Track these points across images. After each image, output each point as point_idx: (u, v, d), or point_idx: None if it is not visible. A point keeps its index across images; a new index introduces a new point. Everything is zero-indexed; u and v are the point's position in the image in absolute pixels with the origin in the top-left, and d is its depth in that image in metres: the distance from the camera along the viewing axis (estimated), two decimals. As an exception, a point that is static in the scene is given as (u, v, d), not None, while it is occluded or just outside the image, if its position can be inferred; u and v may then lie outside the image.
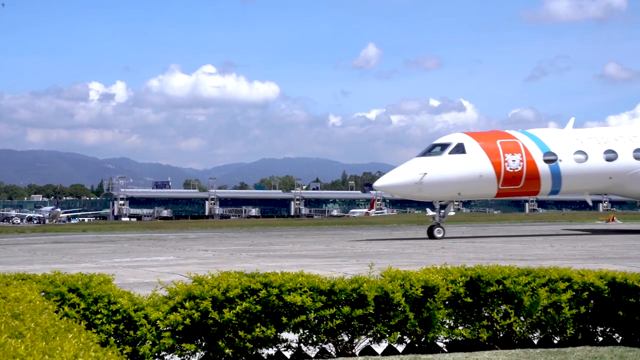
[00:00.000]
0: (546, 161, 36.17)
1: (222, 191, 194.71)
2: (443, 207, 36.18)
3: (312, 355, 8.58)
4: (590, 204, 42.93)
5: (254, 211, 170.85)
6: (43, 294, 7.78)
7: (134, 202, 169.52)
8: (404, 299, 8.57)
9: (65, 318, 6.26)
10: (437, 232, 34.96)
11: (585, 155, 36.86)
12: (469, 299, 8.86)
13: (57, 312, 6.96)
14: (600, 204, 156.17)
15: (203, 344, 8.16)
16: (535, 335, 9.20)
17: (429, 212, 39.06)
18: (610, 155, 37.20)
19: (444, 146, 35.78)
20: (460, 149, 35.43)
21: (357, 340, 8.64)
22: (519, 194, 38.51)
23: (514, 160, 35.44)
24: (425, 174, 34.59)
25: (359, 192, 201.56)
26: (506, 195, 38.03)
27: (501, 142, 35.89)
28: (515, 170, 35.50)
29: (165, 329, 8.05)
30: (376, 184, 36.61)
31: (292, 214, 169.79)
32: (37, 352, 4.15)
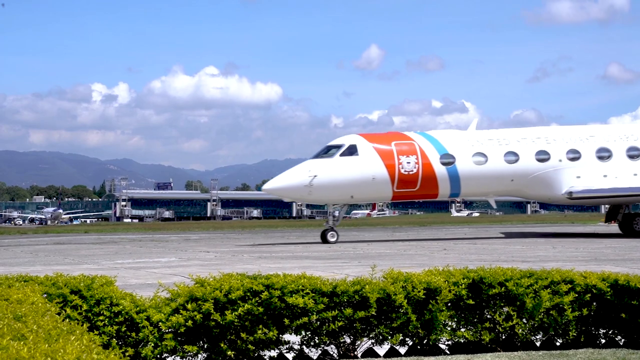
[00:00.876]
0: (443, 163, 35.17)
1: (224, 192, 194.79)
2: (337, 210, 35.31)
3: (314, 357, 8.58)
4: (495, 206, 41.75)
5: (255, 212, 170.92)
6: (45, 295, 7.78)
7: (136, 203, 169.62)
8: (406, 300, 8.57)
9: (67, 320, 6.26)
10: (331, 237, 34.00)
11: (485, 157, 35.79)
12: (471, 301, 8.85)
13: (59, 314, 6.97)
14: (602, 206, 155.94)
15: (205, 345, 8.16)
16: (537, 337, 9.19)
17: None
18: (512, 158, 36.09)
19: (336, 148, 34.72)
20: (352, 150, 34.37)
21: (359, 342, 8.64)
22: (417, 197, 37.56)
23: (408, 163, 34.52)
24: (315, 176, 33.59)
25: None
26: (403, 198, 36.95)
27: (396, 143, 34.95)
28: (411, 173, 34.57)
29: (167, 330, 8.05)
30: (265, 186, 35.35)
31: (294, 215, 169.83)
32: (40, 354, 4.15)
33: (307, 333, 8.43)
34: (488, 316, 8.96)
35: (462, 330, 8.87)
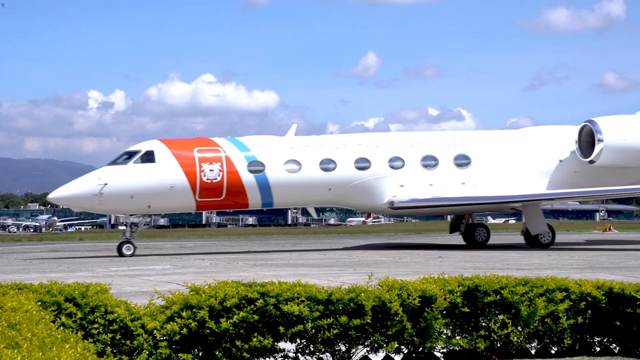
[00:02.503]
0: (252, 171, 33.07)
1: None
2: (135, 222, 33.20)
3: (309, 365, 8.57)
4: (315, 216, 39.31)
5: (251, 220, 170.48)
6: (40, 303, 7.77)
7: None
8: (401, 308, 8.57)
9: (62, 328, 6.24)
10: (126, 249, 31.83)
11: (299, 164, 33.72)
12: (466, 309, 8.86)
13: (53, 322, 6.96)
14: (597, 214, 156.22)
15: (200, 353, 8.15)
16: (532, 345, 9.20)
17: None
18: (328, 165, 34.02)
19: (132, 154, 32.63)
20: (149, 157, 32.27)
21: (354, 350, 8.63)
22: (224, 207, 35.72)
23: (212, 170, 32.42)
24: (106, 184, 31.28)
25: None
26: (208, 208, 35.31)
27: (199, 149, 32.93)
28: (214, 181, 32.45)
29: (162, 338, 8.03)
30: (51, 195, 33.15)
31: (289, 222, 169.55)
32: (34, 362, 4.14)
33: (302, 341, 8.43)
34: (483, 324, 8.97)
35: (457, 338, 8.87)
